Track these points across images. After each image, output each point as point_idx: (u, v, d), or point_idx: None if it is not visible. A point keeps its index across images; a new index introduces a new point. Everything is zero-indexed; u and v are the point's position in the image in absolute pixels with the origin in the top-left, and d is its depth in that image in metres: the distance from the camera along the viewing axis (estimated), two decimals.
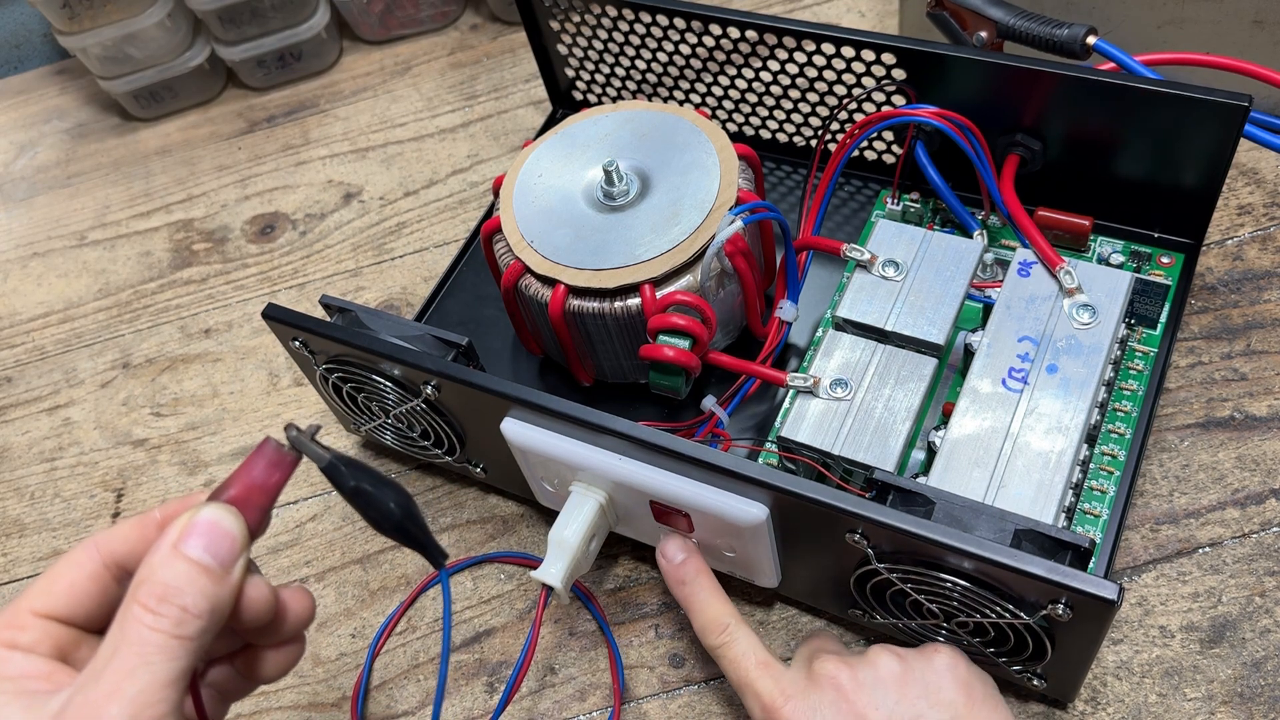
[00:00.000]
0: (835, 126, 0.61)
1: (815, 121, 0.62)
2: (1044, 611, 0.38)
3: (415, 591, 0.54)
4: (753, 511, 0.42)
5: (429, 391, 0.48)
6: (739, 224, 0.49)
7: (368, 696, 0.51)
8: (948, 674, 0.40)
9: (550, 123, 0.71)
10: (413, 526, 0.35)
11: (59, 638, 0.33)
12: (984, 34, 0.56)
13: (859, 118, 0.58)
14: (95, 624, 0.34)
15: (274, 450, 0.33)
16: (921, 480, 0.45)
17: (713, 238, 0.50)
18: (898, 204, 0.60)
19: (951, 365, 0.53)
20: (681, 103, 0.66)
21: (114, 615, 0.31)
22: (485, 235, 0.55)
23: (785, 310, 0.53)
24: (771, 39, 0.58)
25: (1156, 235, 0.55)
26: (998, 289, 0.50)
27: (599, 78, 0.67)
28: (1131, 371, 0.51)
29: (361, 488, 0.34)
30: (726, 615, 0.44)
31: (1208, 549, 0.49)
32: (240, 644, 0.36)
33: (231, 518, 0.32)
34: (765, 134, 0.65)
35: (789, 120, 0.63)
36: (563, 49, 0.66)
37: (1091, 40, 0.52)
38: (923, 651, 0.41)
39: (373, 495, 0.34)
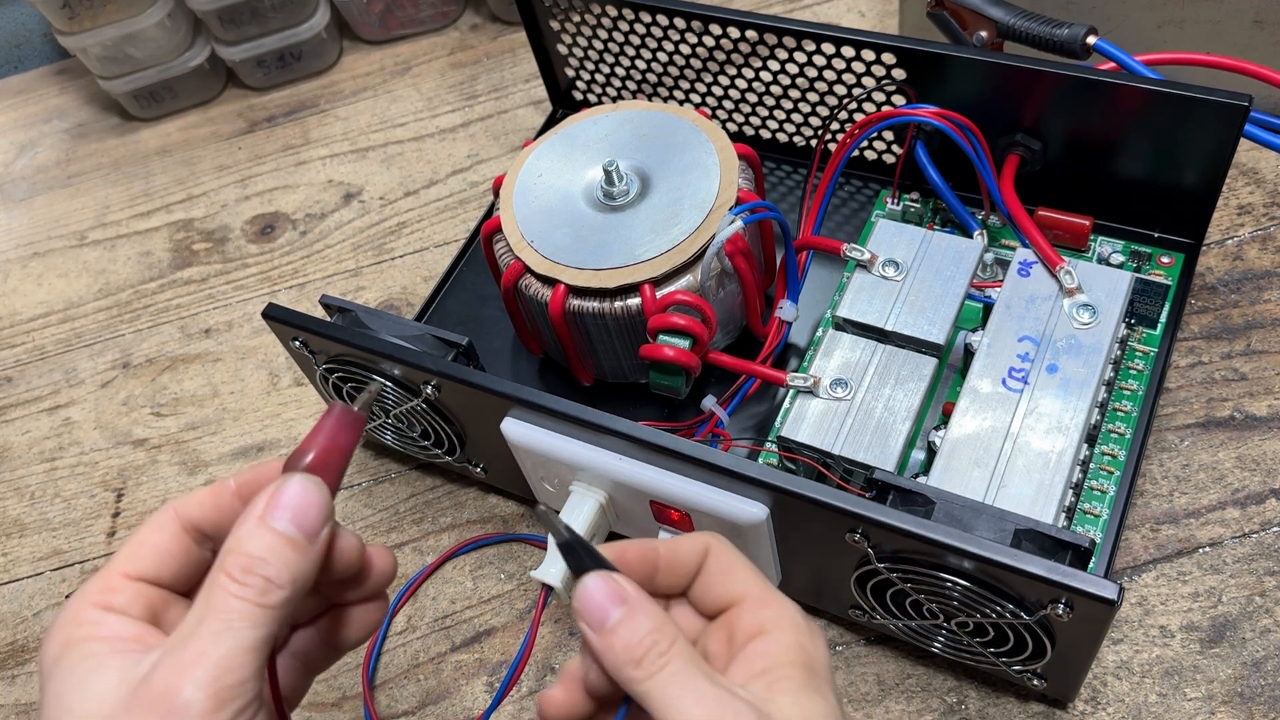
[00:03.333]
0: (835, 126, 0.61)
1: (815, 121, 0.62)
2: (1044, 611, 0.38)
3: (433, 565, 0.54)
4: (753, 511, 0.42)
5: (429, 391, 0.48)
6: (739, 224, 0.49)
7: (373, 688, 0.51)
8: None
9: (550, 123, 0.71)
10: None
11: (150, 599, 0.34)
12: (984, 34, 0.56)
13: (859, 118, 0.58)
14: (180, 585, 0.34)
15: (344, 411, 0.34)
16: (921, 480, 0.45)
17: (713, 238, 0.50)
18: (898, 204, 0.60)
19: (951, 365, 0.53)
20: (681, 103, 0.66)
21: (196, 576, 0.33)
22: (485, 235, 0.55)
23: (785, 310, 0.53)
24: (771, 39, 0.58)
25: (1156, 235, 0.55)
26: (998, 289, 0.50)
27: (599, 78, 0.67)
28: (1131, 371, 0.51)
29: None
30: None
31: (1208, 549, 0.49)
32: (323, 606, 0.37)
33: (316, 488, 0.32)
34: (765, 134, 0.65)
35: (789, 120, 0.63)
36: (563, 49, 0.66)
37: (1091, 40, 0.52)
38: None
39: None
